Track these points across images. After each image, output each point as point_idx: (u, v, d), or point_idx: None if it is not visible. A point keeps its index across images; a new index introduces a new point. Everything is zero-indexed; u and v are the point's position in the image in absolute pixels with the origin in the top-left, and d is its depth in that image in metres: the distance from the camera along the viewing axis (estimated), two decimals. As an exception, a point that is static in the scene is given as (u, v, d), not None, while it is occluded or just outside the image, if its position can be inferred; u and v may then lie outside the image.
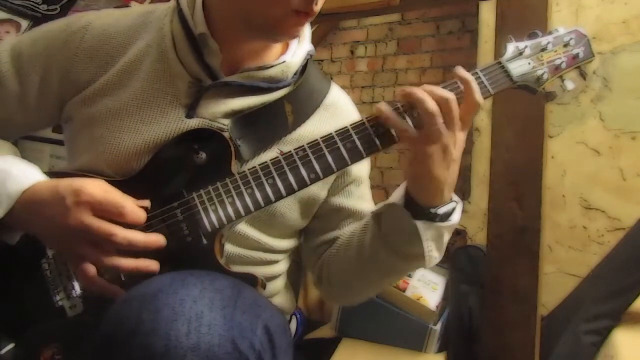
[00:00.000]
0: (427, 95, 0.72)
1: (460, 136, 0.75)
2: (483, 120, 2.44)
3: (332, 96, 0.97)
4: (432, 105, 0.71)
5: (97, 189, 0.70)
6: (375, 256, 0.86)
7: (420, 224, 0.77)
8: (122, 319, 0.59)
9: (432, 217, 0.78)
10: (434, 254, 0.81)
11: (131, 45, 0.86)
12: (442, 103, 0.71)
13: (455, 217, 0.80)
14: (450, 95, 0.72)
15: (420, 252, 0.79)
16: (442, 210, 0.78)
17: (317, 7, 0.80)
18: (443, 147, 0.73)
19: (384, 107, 0.74)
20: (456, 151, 0.75)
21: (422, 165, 0.75)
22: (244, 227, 0.86)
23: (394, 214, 0.81)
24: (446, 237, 0.82)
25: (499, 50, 0.85)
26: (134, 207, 0.70)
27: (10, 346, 0.78)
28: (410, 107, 0.76)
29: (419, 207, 0.78)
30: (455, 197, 0.81)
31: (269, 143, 0.86)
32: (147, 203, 0.75)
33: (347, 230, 0.95)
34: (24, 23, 1.68)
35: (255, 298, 0.68)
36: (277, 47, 0.90)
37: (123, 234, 0.68)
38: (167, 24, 0.86)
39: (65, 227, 0.68)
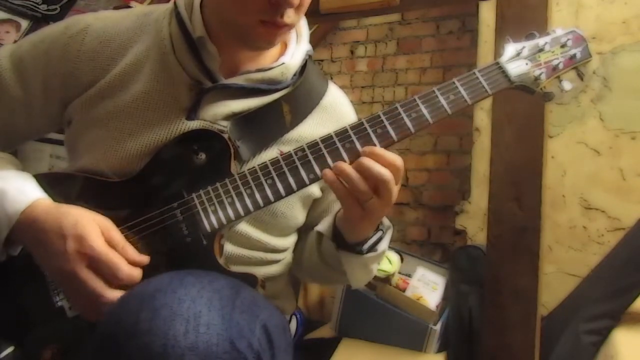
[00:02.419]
0: (358, 176, 0.72)
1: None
2: (483, 120, 2.44)
3: (330, 96, 0.97)
4: (363, 186, 0.72)
5: (100, 240, 0.69)
6: (316, 263, 0.94)
7: (343, 256, 0.85)
8: (121, 318, 0.59)
9: (358, 251, 0.83)
10: (359, 278, 0.90)
11: (131, 47, 0.86)
12: (378, 182, 0.72)
13: (382, 246, 0.85)
14: (386, 175, 0.71)
15: (346, 273, 0.88)
16: (367, 245, 0.83)
17: (288, 19, 0.78)
18: (376, 212, 0.76)
19: (328, 173, 0.75)
20: (388, 208, 0.77)
21: (352, 221, 0.80)
22: (245, 227, 0.87)
23: (325, 240, 0.87)
24: (373, 265, 0.89)
25: (498, 51, 0.85)
26: (129, 271, 0.69)
27: (10, 349, 0.78)
28: (410, 107, 0.79)
29: (345, 242, 0.84)
30: (386, 223, 0.86)
31: (267, 143, 0.87)
32: (146, 259, 0.73)
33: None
34: (24, 23, 1.68)
35: (254, 298, 0.68)
36: (275, 49, 0.90)
37: (112, 297, 0.68)
38: (165, 27, 0.85)
39: (61, 270, 0.68)
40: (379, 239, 0.85)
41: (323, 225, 0.89)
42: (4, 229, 0.72)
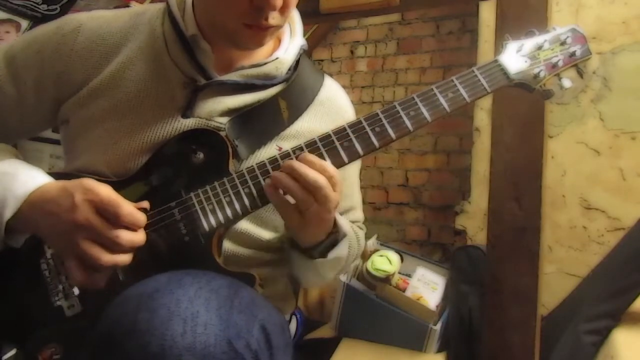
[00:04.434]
0: (295, 184, 0.72)
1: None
2: (483, 120, 2.44)
3: (327, 90, 0.98)
4: (300, 194, 0.72)
5: (105, 188, 0.69)
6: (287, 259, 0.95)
7: (294, 255, 0.87)
8: (119, 318, 0.59)
9: (308, 255, 0.84)
10: (311, 280, 0.94)
11: (124, 46, 0.86)
12: (312, 189, 0.72)
13: (333, 253, 0.84)
14: (320, 181, 0.72)
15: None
16: (317, 250, 0.83)
17: (274, 21, 0.79)
18: (316, 218, 0.76)
19: (270, 188, 0.75)
20: (331, 214, 0.77)
21: (295, 229, 0.80)
22: (245, 225, 0.87)
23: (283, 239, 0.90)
24: (326, 272, 0.89)
25: (498, 50, 0.85)
26: (131, 210, 0.69)
27: (12, 352, 0.78)
28: (408, 106, 0.79)
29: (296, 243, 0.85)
30: (342, 230, 0.84)
31: (266, 141, 0.87)
32: (146, 204, 0.75)
33: None
34: (24, 23, 1.68)
35: (253, 297, 0.67)
36: (268, 45, 0.90)
37: (128, 237, 0.68)
38: (158, 26, 0.86)
39: (71, 221, 0.68)
40: (332, 246, 0.84)
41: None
42: (10, 208, 0.71)
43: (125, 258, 0.69)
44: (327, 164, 0.74)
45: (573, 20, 2.21)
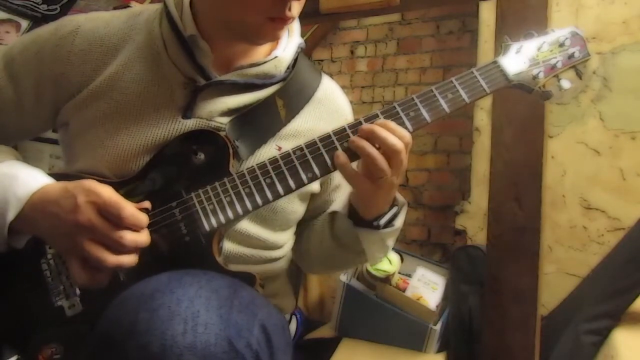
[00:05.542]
0: (375, 151, 0.75)
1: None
2: (483, 120, 2.44)
3: (324, 89, 0.98)
4: (381, 161, 0.74)
5: (107, 189, 0.70)
6: (329, 247, 0.96)
7: (361, 232, 0.87)
8: (119, 318, 0.59)
9: (375, 226, 0.85)
10: (377, 254, 0.92)
11: (122, 47, 0.86)
12: (390, 154, 0.75)
13: (398, 222, 0.88)
14: (398, 145, 0.75)
15: (363, 251, 0.90)
16: (383, 220, 0.85)
17: (294, 12, 0.79)
18: (388, 185, 0.79)
19: (342, 158, 0.77)
20: (399, 179, 0.80)
21: (366, 198, 0.82)
22: (245, 225, 0.87)
23: (341, 219, 0.89)
24: (389, 241, 0.91)
25: (498, 50, 0.86)
26: (134, 211, 0.70)
27: (14, 359, 0.78)
28: (408, 106, 0.80)
29: (361, 218, 0.85)
30: (400, 199, 0.88)
31: (265, 139, 0.87)
32: (147, 204, 0.75)
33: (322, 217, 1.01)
34: (24, 23, 1.69)
35: (253, 297, 0.68)
36: (267, 44, 0.90)
37: (131, 238, 0.69)
38: (156, 27, 0.86)
39: (74, 223, 0.68)
40: (395, 215, 0.87)
41: (337, 205, 0.92)
42: (12, 211, 0.72)
43: (129, 259, 0.70)
44: (405, 131, 0.77)
45: (573, 21, 2.21)
